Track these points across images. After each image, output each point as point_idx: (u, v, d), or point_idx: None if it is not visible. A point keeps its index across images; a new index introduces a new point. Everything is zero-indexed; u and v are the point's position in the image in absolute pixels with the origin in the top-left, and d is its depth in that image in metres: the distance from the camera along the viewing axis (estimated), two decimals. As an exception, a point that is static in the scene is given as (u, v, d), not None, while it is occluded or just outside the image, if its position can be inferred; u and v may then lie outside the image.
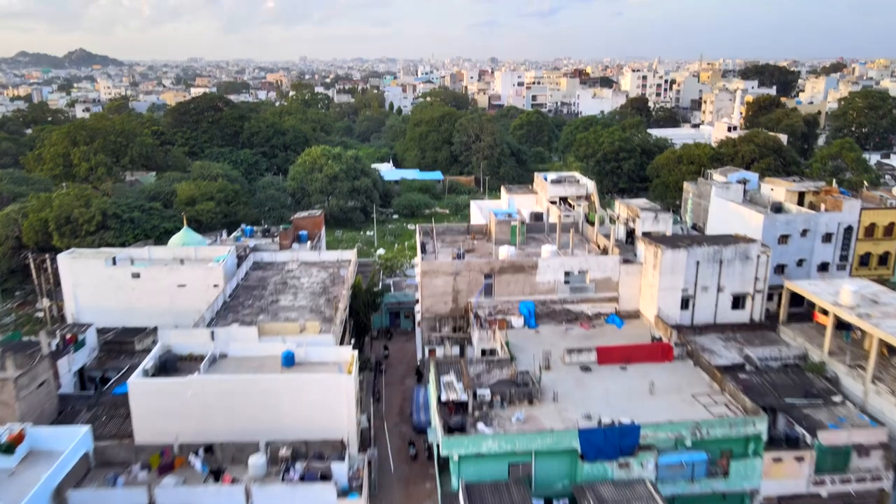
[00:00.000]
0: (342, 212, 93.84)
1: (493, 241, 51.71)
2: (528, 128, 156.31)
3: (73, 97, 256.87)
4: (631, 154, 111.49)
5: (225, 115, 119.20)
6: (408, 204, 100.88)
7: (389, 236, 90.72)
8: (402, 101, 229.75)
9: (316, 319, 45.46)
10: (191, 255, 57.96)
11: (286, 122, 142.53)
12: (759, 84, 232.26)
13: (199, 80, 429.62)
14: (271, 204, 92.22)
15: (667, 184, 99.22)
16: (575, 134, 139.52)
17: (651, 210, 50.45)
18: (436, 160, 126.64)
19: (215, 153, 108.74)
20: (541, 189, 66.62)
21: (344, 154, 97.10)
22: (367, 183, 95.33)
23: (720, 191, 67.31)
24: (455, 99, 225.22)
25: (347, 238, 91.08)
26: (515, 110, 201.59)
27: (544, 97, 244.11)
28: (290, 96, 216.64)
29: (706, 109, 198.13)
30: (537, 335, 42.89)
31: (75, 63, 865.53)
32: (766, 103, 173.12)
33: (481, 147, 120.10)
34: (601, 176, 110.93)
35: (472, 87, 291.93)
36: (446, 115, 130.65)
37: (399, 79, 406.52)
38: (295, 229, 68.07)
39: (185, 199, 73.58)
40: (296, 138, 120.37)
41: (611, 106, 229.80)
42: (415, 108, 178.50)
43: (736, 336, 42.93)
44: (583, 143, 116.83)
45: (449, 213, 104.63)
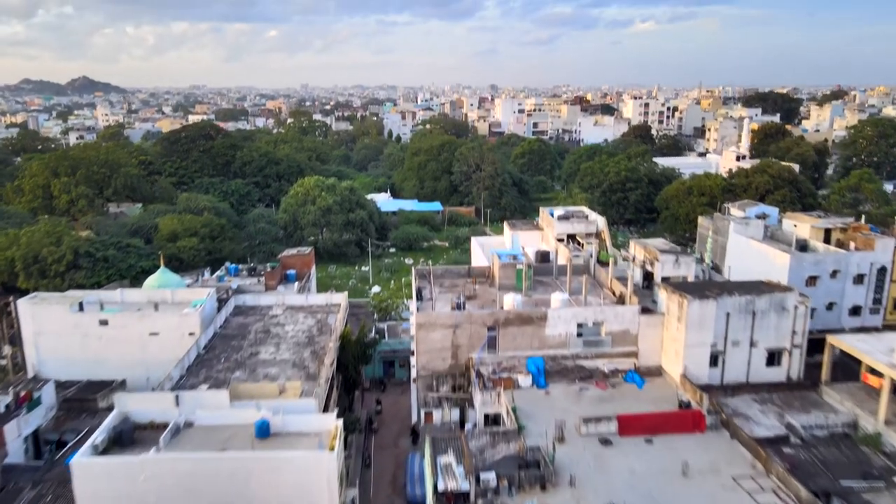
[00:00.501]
0: (336, 246, 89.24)
1: (496, 287, 46.91)
2: (530, 156, 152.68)
3: (69, 125, 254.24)
4: (638, 184, 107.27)
5: (217, 144, 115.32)
6: (405, 237, 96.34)
7: (385, 272, 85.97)
8: (401, 128, 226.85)
9: (298, 377, 40.49)
10: (167, 299, 53.26)
11: (281, 150, 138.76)
12: (762, 111, 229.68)
13: (198, 107, 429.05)
14: (261, 237, 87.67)
15: (676, 216, 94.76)
16: (579, 163, 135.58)
17: (671, 252, 45.75)
18: (435, 190, 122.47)
19: (205, 184, 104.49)
20: (547, 225, 62.01)
21: (338, 185, 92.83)
22: (363, 216, 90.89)
23: (739, 227, 62.64)
24: (455, 126, 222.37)
25: (341, 274, 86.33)
26: (516, 138, 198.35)
27: (545, 124, 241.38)
28: (287, 124, 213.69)
29: (710, 137, 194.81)
30: (547, 397, 37.88)
31: (78, 90, 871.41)
32: (772, 131, 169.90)
33: (482, 177, 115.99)
34: (607, 207, 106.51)
35: (473, 114, 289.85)
36: (446, 144, 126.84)
37: (399, 106, 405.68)
38: (282, 268, 63.36)
39: (167, 235, 69.00)
40: (290, 168, 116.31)
41: (613, 133, 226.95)
42: (414, 137, 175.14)
43: (772, 398, 37.91)
44: (588, 172, 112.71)
45: (448, 246, 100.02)
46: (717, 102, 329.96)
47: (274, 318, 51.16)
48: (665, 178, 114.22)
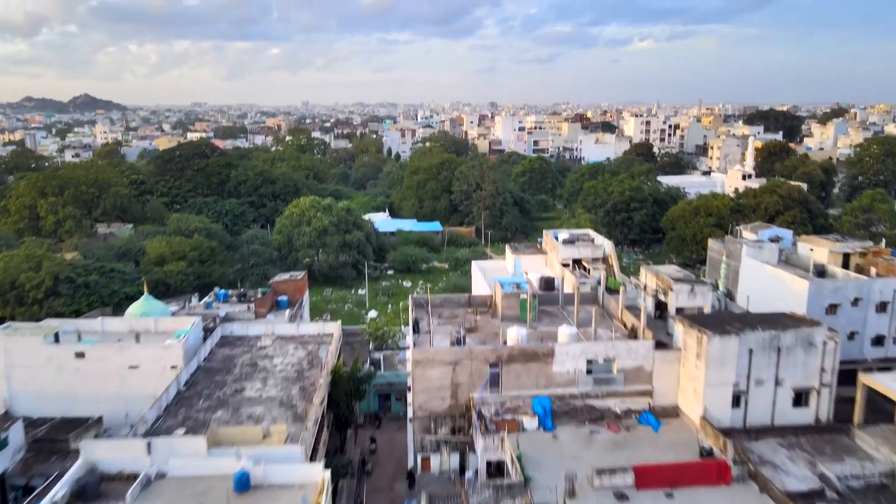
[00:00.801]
0: (332, 268, 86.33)
1: (499, 318, 43.91)
2: (531, 175, 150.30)
3: (66, 143, 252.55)
4: (642, 204, 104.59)
5: (211, 162, 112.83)
6: (404, 259, 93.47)
7: (382, 296, 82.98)
8: (400, 146, 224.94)
9: (285, 418, 37.39)
10: (150, 328, 50.21)
11: (278, 169, 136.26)
12: (764, 129, 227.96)
13: (197, 124, 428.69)
14: (255, 259, 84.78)
15: (683, 237, 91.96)
16: (581, 182, 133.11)
17: (685, 281, 42.77)
18: (434, 210, 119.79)
19: (199, 203, 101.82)
20: (551, 250, 59.15)
21: (335, 205, 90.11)
22: (360, 237, 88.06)
23: (752, 251, 59.84)
24: (455, 144, 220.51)
25: (337, 297, 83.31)
26: (517, 156, 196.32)
27: (546, 142, 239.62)
28: (286, 141, 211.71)
29: (713, 155, 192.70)
30: (555, 441, 34.75)
31: (79, 108, 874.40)
32: (776, 149, 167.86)
33: (482, 196, 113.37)
34: (611, 227, 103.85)
35: (472, 131, 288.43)
36: (445, 163, 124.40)
37: (399, 123, 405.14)
38: (274, 294, 60.42)
39: (154, 259, 66.12)
40: (286, 187, 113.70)
41: (614, 151, 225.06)
42: (413, 155, 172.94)
43: (801, 442, 34.78)
44: (591, 192, 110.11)
45: (448, 268, 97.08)
46: (718, 120, 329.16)
47: (262, 350, 48.08)
48: (670, 197, 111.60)
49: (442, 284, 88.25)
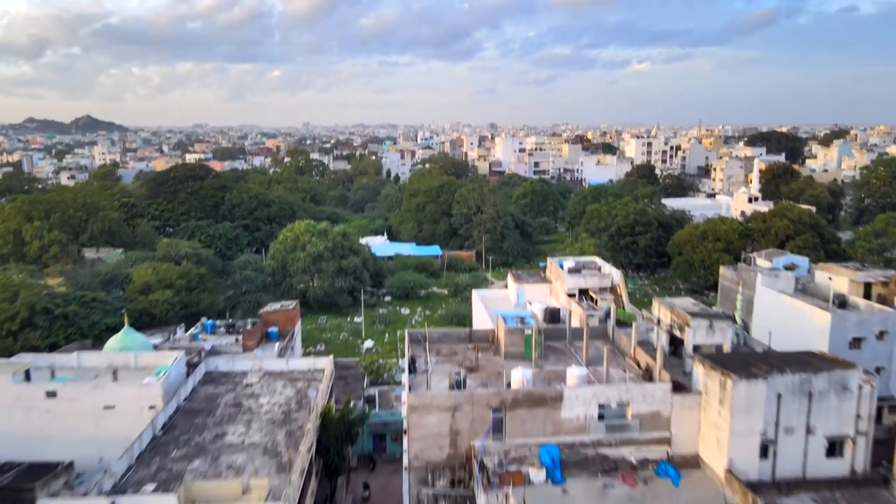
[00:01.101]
0: (327, 295, 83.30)
1: (502, 355, 40.79)
2: (532, 197, 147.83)
3: (64, 164, 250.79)
4: (647, 228, 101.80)
5: (205, 185, 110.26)
6: (401, 285, 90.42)
7: (379, 324, 79.81)
8: (399, 167, 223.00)
9: (268, 468, 34.16)
10: (129, 363, 47.18)
11: (274, 191, 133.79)
12: (766, 151, 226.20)
13: (197, 145, 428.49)
14: (247, 286, 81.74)
15: (690, 262, 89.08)
16: (584, 204, 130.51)
17: (704, 317, 39.65)
18: (434, 233, 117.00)
19: (191, 227, 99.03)
20: (556, 278, 56.15)
21: (330, 230, 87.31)
22: (356, 262, 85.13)
23: (768, 280, 56.92)
24: (454, 165, 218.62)
25: (332, 326, 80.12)
26: (517, 178, 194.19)
27: (546, 164, 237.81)
28: (284, 163, 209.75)
29: (716, 177, 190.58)
30: (565, 497, 31.43)
31: (81, 129, 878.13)
32: (780, 171, 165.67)
33: (483, 220, 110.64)
34: (615, 252, 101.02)
35: (473, 152, 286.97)
36: (445, 185, 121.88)
37: (399, 144, 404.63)
38: (264, 325, 57.32)
39: (140, 287, 63.10)
40: (281, 210, 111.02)
41: (616, 173, 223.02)
42: (412, 177, 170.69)
43: (836, 497, 31.49)
44: (594, 215, 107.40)
45: (448, 294, 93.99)
46: (719, 141, 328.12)
47: (248, 388, 44.89)
48: (675, 220, 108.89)
49: (441, 312, 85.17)
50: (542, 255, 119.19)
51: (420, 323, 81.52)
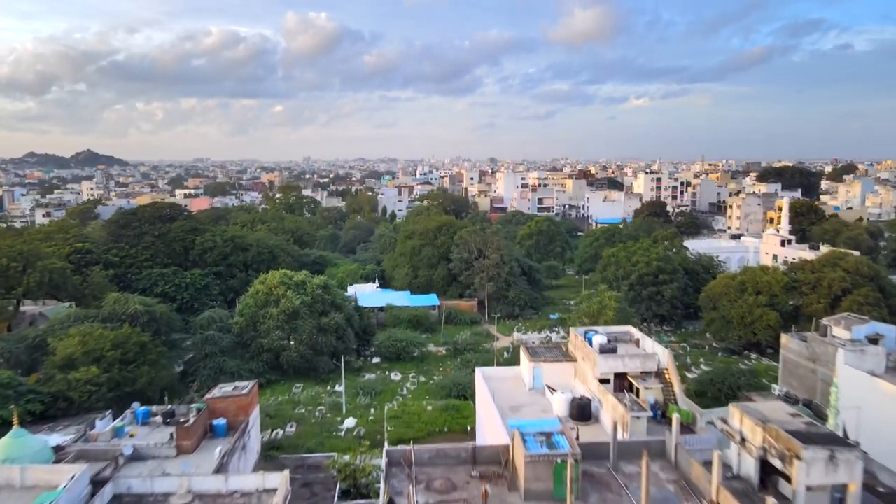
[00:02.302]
0: (304, 359, 70.71)
1: (520, 492, 28.24)
2: (538, 237, 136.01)
3: (47, 200, 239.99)
4: (673, 276, 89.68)
5: (174, 227, 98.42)
6: (392, 345, 77.85)
7: (364, 395, 67.04)
8: (396, 203, 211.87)
9: None
10: (14, 481, 34.61)
11: (256, 232, 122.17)
12: (781, 187, 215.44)
13: (191, 180, 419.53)
14: (209, 349, 69.26)
15: (727, 318, 76.62)
16: (595, 247, 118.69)
17: (820, 444, 26.87)
18: (430, 280, 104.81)
19: (154, 276, 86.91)
20: (583, 357, 43.74)
21: (309, 282, 75.06)
22: (338, 320, 72.74)
23: (852, 356, 44.54)
24: (454, 202, 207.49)
25: (308, 398, 67.29)
26: (521, 215, 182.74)
27: (551, 200, 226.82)
28: (275, 199, 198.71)
29: (732, 215, 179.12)
30: None
31: (81, 163, 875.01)
32: (803, 209, 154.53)
33: (486, 265, 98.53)
34: (636, 303, 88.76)
35: (473, 188, 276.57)
36: (444, 226, 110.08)
37: (398, 179, 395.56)
38: (209, 415, 44.72)
39: (61, 361, 50.64)
40: (260, 255, 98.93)
41: (623, 210, 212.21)
42: (408, 216, 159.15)
43: None
44: (611, 262, 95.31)
45: (446, 353, 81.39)
46: (726, 176, 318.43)
47: (165, 526, 32.21)
48: (702, 267, 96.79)
49: (438, 378, 72.48)
50: (552, 306, 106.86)
51: (412, 394, 68.77)
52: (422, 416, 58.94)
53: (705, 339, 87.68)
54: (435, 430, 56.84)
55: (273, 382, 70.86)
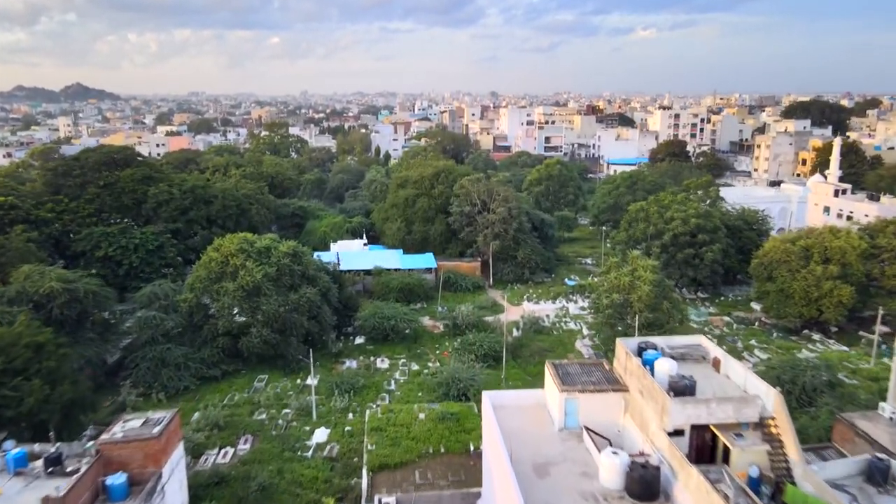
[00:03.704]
0: (267, 345, 57.23)
1: None
2: (548, 183, 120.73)
3: (15, 139, 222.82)
4: (713, 236, 75.45)
5: (124, 176, 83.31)
6: (379, 324, 64.28)
7: (342, 392, 53.86)
8: (391, 143, 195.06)
9: None
10: None
11: (229, 178, 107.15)
12: (811, 124, 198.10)
13: (177, 116, 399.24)
14: (150, 334, 55.82)
15: (788, 293, 62.80)
16: (615, 196, 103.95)
17: None
18: (426, 237, 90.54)
19: (96, 236, 72.63)
20: (640, 388, 29.81)
21: (275, 249, 60.70)
22: (311, 296, 58.86)
23: None
24: (454, 141, 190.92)
25: (270, 397, 54.08)
26: (527, 156, 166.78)
27: (559, 138, 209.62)
28: (259, 138, 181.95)
29: (759, 156, 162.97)
30: None
31: (71, 97, 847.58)
32: (843, 150, 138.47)
33: (491, 220, 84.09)
34: (667, 267, 74.88)
35: (474, 125, 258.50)
36: (442, 173, 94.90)
37: (395, 115, 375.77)
38: (103, 468, 31.44)
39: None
40: (226, 208, 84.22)
41: (638, 149, 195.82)
42: (402, 159, 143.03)
43: None
44: (639, 217, 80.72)
45: (444, 331, 68.01)
46: (743, 112, 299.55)
47: None
48: (745, 223, 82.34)
49: (434, 366, 59.35)
50: (566, 266, 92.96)
51: (402, 389, 55.65)
52: (411, 429, 45.85)
53: (749, 310, 74.26)
54: (428, 450, 43.82)
55: (230, 374, 57.65)
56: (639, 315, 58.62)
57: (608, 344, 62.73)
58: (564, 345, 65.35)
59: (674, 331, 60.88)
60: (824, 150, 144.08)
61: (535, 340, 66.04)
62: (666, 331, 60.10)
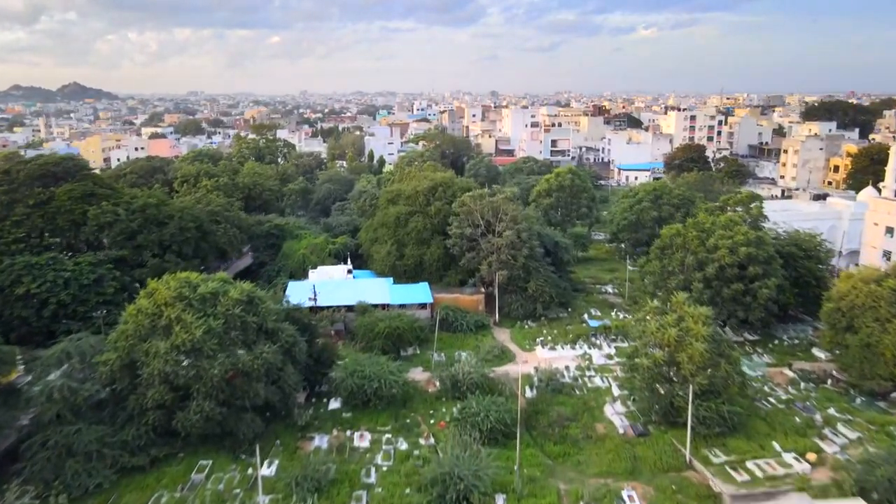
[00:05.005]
0: (211, 421, 44.00)
1: None
2: (559, 194, 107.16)
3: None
4: (768, 267, 62.23)
5: (60, 193, 70.11)
6: (359, 384, 51.03)
7: (303, 498, 40.55)
8: (386, 146, 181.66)
9: None
10: None
11: (201, 187, 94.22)
12: (836, 126, 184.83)
13: (167, 117, 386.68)
14: (56, 411, 42.68)
15: (876, 349, 49.68)
16: (637, 212, 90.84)
17: None
18: (421, 262, 77.45)
19: (18, 268, 59.54)
20: None
21: (225, 293, 47.31)
22: (268, 356, 45.55)
23: None
24: (454, 144, 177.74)
25: (210, 496, 40.86)
26: (533, 162, 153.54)
27: (566, 142, 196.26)
28: (244, 141, 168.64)
29: (787, 161, 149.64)
30: None
31: (67, 96, 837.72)
32: (877, 155, 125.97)
33: (497, 245, 70.89)
34: (713, 305, 61.65)
35: (475, 126, 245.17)
36: (439, 187, 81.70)
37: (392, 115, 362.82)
38: None
39: None
40: (182, 231, 70.93)
41: (650, 154, 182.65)
42: (396, 165, 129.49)
43: None
44: (676, 244, 67.37)
45: (439, 391, 54.81)
46: (755, 113, 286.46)
47: None
48: (801, 250, 69.14)
49: (428, 443, 46.19)
50: (586, 298, 79.66)
51: (385, 482, 42.41)
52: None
53: (811, 358, 61.20)
54: None
55: (162, 461, 44.35)
56: (691, 380, 45.56)
57: (648, 413, 49.67)
58: (591, 410, 52.13)
59: (733, 399, 47.87)
60: (861, 156, 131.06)
61: (554, 404, 52.90)
62: (724, 399, 47.12)
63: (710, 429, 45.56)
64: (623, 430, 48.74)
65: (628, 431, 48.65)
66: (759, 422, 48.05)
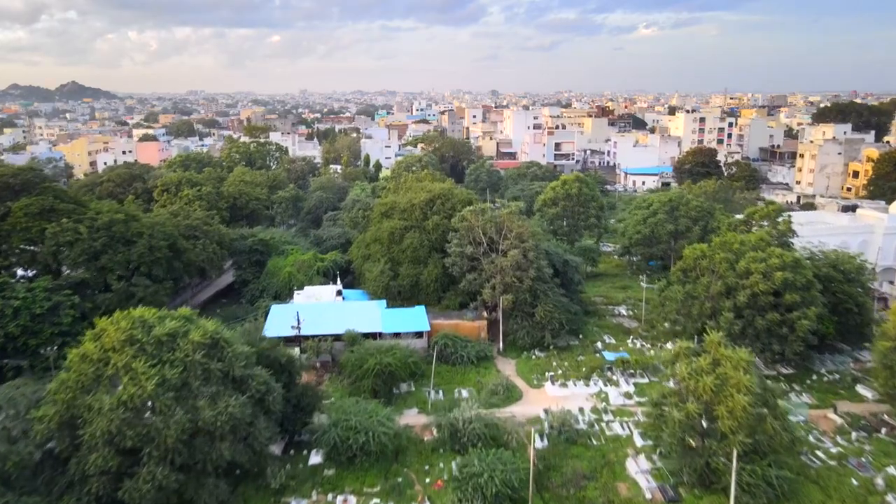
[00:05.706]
0: (165, 491, 37.02)
1: None
2: (566, 204, 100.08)
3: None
4: (806, 296, 55.29)
5: (15, 208, 63.24)
6: (343, 440, 44.07)
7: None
8: (384, 150, 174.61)
9: None
10: None
11: (182, 197, 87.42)
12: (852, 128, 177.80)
13: (162, 117, 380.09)
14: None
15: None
16: (651, 225, 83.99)
17: None
18: (417, 282, 70.54)
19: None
20: None
21: (185, 334, 40.35)
22: (234, 411, 38.58)
23: None
24: (454, 148, 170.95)
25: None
26: (537, 167, 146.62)
27: (570, 145, 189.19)
28: (235, 144, 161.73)
29: (804, 166, 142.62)
30: None
31: (66, 96, 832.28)
32: None
33: (501, 266, 63.90)
34: (744, 337, 55.02)
35: (476, 128, 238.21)
36: (438, 199, 74.80)
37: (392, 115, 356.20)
38: None
39: None
40: (152, 250, 64.02)
41: (658, 157, 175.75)
42: (393, 169, 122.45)
43: None
44: (700, 265, 60.40)
45: (436, 440, 47.88)
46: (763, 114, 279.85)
47: None
48: (841, 273, 62.17)
49: (421, 519, 39.31)
50: (598, 322, 72.72)
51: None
52: None
53: (856, 397, 54.33)
54: None
55: (109, 538, 37.51)
56: (731, 438, 38.67)
57: (678, 473, 42.69)
58: (611, 466, 45.17)
59: (780, 460, 40.88)
60: (884, 162, 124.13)
61: (569, 457, 46.00)
62: (771, 461, 40.17)
63: (756, 498, 38.59)
64: (650, 495, 41.79)
65: (656, 495, 41.73)
66: (811, 486, 41.12)
